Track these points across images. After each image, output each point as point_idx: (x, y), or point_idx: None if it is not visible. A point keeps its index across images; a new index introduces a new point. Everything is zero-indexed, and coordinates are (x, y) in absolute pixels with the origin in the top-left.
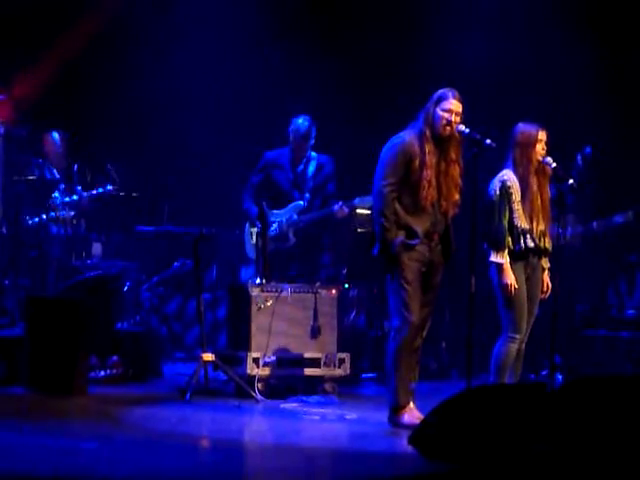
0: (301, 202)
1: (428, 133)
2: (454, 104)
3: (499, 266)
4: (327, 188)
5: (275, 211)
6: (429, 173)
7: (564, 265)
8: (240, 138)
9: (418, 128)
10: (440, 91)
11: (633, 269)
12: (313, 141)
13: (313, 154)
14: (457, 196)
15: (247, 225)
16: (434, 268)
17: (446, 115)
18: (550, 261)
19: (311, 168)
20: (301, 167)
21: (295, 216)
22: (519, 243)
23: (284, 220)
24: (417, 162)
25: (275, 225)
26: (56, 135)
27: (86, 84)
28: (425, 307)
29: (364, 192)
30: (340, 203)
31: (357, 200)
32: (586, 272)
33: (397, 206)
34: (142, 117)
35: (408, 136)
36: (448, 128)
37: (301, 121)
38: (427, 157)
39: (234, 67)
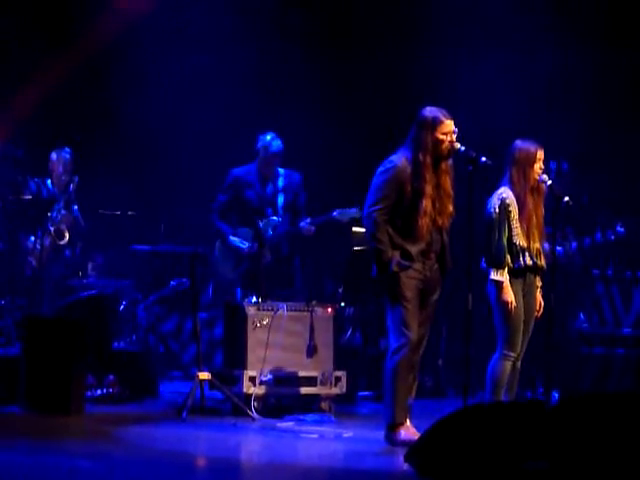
0: (275, 217)
1: (428, 161)
2: (450, 124)
3: (499, 284)
4: (297, 202)
5: (247, 228)
6: (428, 203)
7: (560, 282)
8: (238, 156)
9: (411, 154)
10: (430, 114)
11: (629, 286)
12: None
13: (280, 170)
14: (451, 207)
15: (218, 244)
16: (431, 286)
17: (448, 138)
18: (543, 278)
19: (281, 184)
20: (271, 184)
21: (270, 232)
22: (518, 261)
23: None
24: (409, 187)
25: (249, 243)
26: (54, 155)
27: (82, 104)
28: (422, 325)
29: (341, 205)
30: (308, 220)
31: (336, 213)
32: (582, 289)
33: (389, 229)
34: (138, 136)
35: (399, 160)
36: (449, 149)
37: (270, 138)
38: (427, 187)
39: (225, 82)
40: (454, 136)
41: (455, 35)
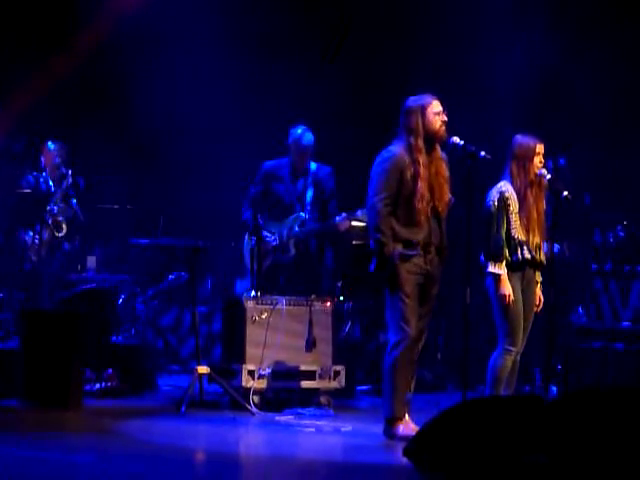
0: (302, 214)
1: (420, 144)
2: (438, 104)
3: (497, 277)
4: (329, 203)
5: (276, 222)
6: (423, 185)
7: (559, 277)
8: (236, 149)
9: (405, 141)
10: (414, 101)
11: (627, 280)
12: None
13: (312, 165)
14: (448, 193)
15: (246, 236)
16: (431, 280)
17: (439, 117)
18: (543, 274)
19: (311, 179)
20: (301, 179)
21: (296, 228)
22: (516, 254)
23: (285, 232)
24: (409, 174)
25: (275, 236)
26: (52, 145)
27: (82, 97)
28: (422, 319)
29: (363, 204)
30: (344, 215)
31: (359, 212)
32: (580, 283)
33: (392, 220)
34: (138, 129)
35: (397, 149)
36: (444, 128)
37: (301, 131)
38: (421, 169)
39: (230, 77)
40: (444, 116)
41: (469, 30)
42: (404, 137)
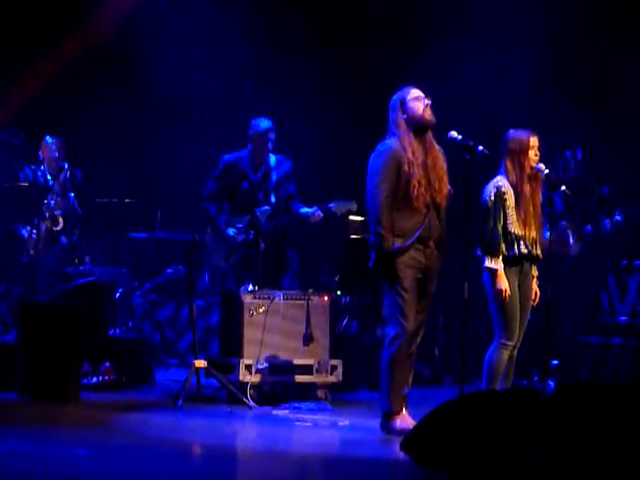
0: (267, 207)
1: (409, 134)
2: (417, 91)
3: (493, 272)
4: (288, 189)
5: (240, 216)
6: (418, 171)
7: (556, 271)
8: (235, 144)
9: (396, 135)
10: (395, 96)
11: (625, 274)
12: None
13: (272, 157)
14: (447, 185)
15: (208, 232)
16: (430, 274)
17: (420, 102)
18: (539, 268)
19: (273, 170)
20: (262, 170)
21: (263, 221)
22: (513, 249)
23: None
24: (406, 165)
25: (242, 232)
26: (49, 139)
27: (80, 91)
28: (420, 314)
29: (334, 195)
30: (315, 208)
31: (332, 205)
32: (578, 278)
33: (394, 215)
34: (135, 123)
35: (392, 143)
36: (429, 111)
37: (262, 122)
38: (413, 156)
39: (231, 73)
40: (427, 101)
41: (455, 29)
42: (394, 131)
